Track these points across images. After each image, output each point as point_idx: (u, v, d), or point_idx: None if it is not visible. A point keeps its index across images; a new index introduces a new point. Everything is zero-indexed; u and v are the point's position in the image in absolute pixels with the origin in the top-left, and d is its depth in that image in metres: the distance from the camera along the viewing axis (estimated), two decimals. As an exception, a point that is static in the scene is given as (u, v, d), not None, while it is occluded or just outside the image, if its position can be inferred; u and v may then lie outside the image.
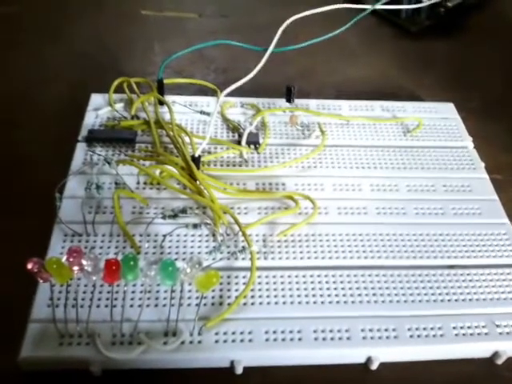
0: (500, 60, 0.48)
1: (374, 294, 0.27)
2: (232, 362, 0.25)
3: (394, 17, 0.50)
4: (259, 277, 0.27)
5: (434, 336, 0.26)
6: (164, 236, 0.29)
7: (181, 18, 0.50)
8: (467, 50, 0.49)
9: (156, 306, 0.26)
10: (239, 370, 0.25)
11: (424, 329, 0.26)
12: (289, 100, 0.38)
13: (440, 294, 0.28)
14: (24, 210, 0.31)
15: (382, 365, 0.26)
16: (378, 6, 0.37)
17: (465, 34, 0.51)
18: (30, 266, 0.22)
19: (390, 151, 0.36)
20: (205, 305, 0.26)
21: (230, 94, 0.33)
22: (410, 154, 0.36)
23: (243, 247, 0.28)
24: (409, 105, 0.40)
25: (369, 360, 0.26)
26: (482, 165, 0.36)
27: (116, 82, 0.37)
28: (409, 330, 0.26)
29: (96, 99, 0.37)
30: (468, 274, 0.29)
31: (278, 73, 0.41)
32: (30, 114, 0.38)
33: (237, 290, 0.27)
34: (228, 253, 0.28)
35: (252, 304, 0.26)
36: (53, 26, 0.47)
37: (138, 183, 0.31)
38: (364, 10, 0.36)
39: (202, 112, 0.36)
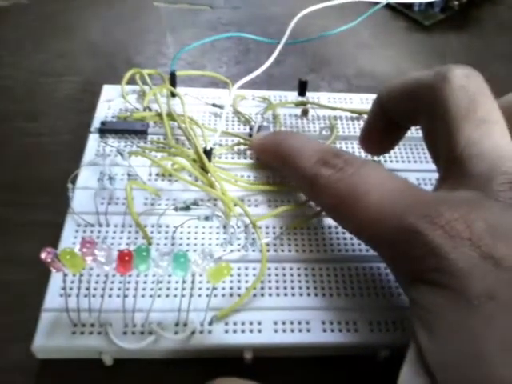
0: (514, 54, 0.48)
1: (382, 287, 0.28)
2: (241, 352, 0.25)
3: (407, 10, 0.50)
4: (269, 268, 0.28)
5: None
6: (175, 227, 0.29)
7: (192, 10, 0.50)
8: (481, 43, 0.48)
9: (167, 296, 0.26)
10: (248, 360, 0.25)
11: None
12: (301, 93, 0.38)
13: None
14: (36, 201, 0.32)
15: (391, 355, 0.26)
16: (392, 0, 0.37)
17: (479, 27, 0.50)
18: (43, 256, 0.22)
19: (400, 144, 0.36)
20: (215, 296, 0.26)
21: (242, 87, 0.33)
22: (419, 147, 0.36)
23: (253, 239, 0.29)
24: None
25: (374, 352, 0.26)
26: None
27: (128, 74, 0.37)
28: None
29: (108, 90, 0.37)
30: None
31: (290, 65, 0.41)
32: (42, 105, 0.38)
33: (247, 282, 0.27)
34: (238, 245, 0.29)
35: (262, 295, 0.27)
36: (64, 17, 0.47)
37: (150, 175, 0.32)
38: (377, 2, 0.36)
39: (214, 105, 0.36)
